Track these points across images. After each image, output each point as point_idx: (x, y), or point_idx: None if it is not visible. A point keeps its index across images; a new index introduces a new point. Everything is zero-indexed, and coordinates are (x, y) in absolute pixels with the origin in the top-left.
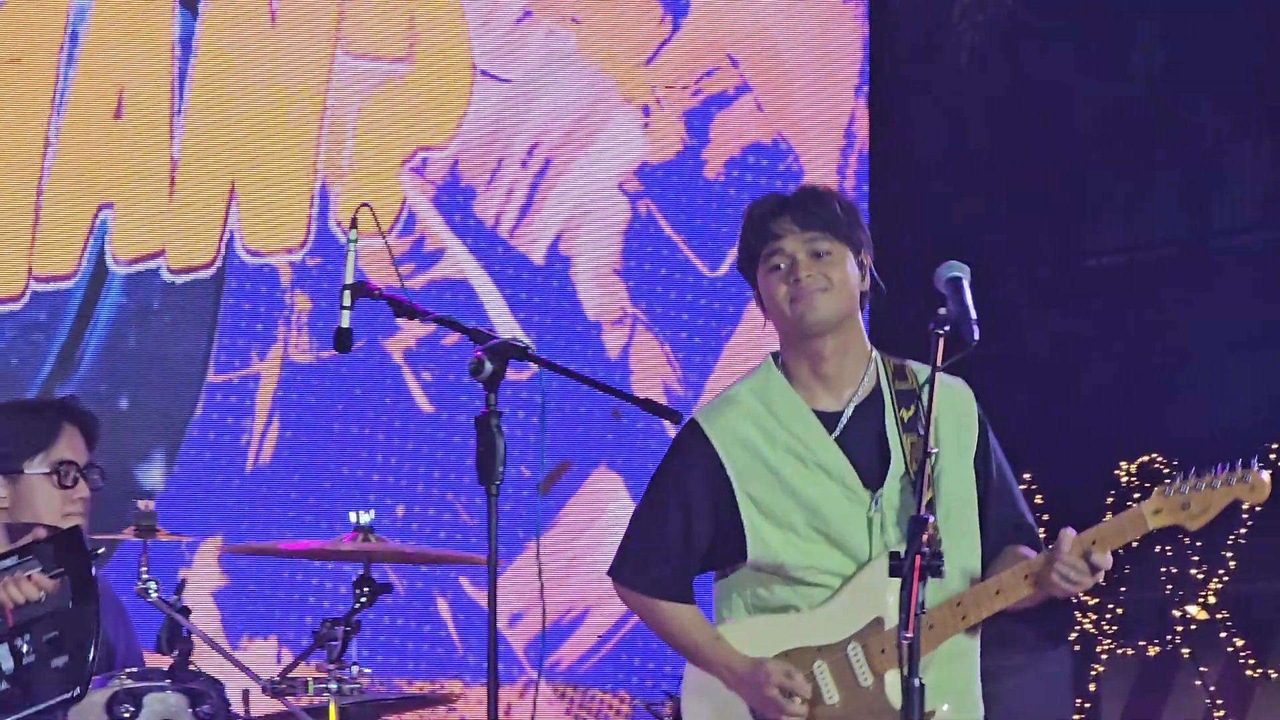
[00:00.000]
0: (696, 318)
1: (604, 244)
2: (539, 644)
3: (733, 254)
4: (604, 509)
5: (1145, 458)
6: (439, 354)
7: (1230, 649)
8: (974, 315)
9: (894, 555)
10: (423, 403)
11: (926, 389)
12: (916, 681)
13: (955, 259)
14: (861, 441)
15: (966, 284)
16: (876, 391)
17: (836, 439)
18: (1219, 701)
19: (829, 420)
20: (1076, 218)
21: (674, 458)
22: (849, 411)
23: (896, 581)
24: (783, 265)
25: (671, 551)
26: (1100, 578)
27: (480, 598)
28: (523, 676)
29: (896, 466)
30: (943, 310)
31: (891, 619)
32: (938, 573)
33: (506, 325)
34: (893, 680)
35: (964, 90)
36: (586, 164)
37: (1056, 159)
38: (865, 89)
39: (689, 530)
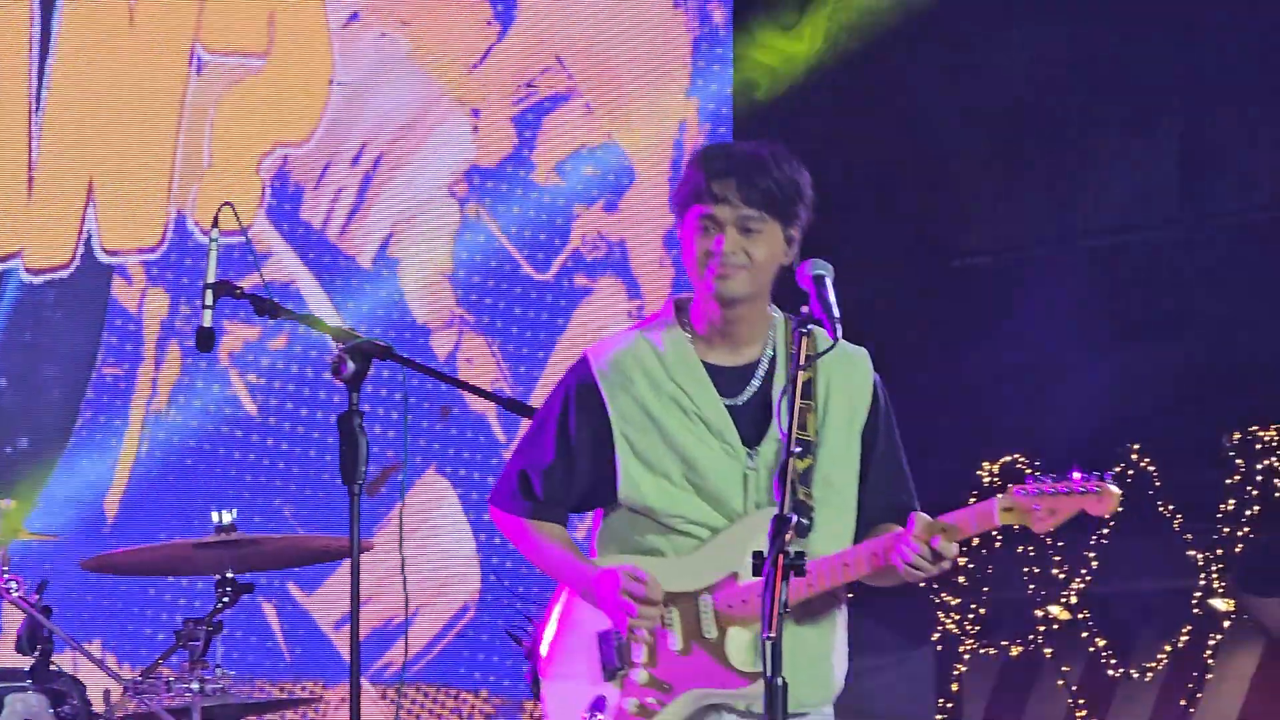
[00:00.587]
0: (525, 320)
1: (433, 247)
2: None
3: (562, 259)
4: (432, 512)
5: (1008, 457)
6: (265, 357)
7: (1092, 649)
8: (837, 313)
9: (756, 555)
10: (250, 407)
11: (802, 374)
12: (779, 681)
13: (819, 257)
14: (751, 402)
15: (829, 282)
16: (774, 354)
17: (723, 394)
18: (1080, 701)
19: (721, 375)
20: (943, 218)
21: (560, 390)
22: (742, 370)
23: (760, 538)
24: (710, 229)
25: (548, 479)
26: (945, 566)
27: (306, 603)
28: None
29: (776, 430)
30: (805, 308)
31: (746, 575)
32: (800, 571)
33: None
34: (734, 635)
35: (827, 89)
36: (415, 167)
37: (923, 158)
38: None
39: (569, 462)
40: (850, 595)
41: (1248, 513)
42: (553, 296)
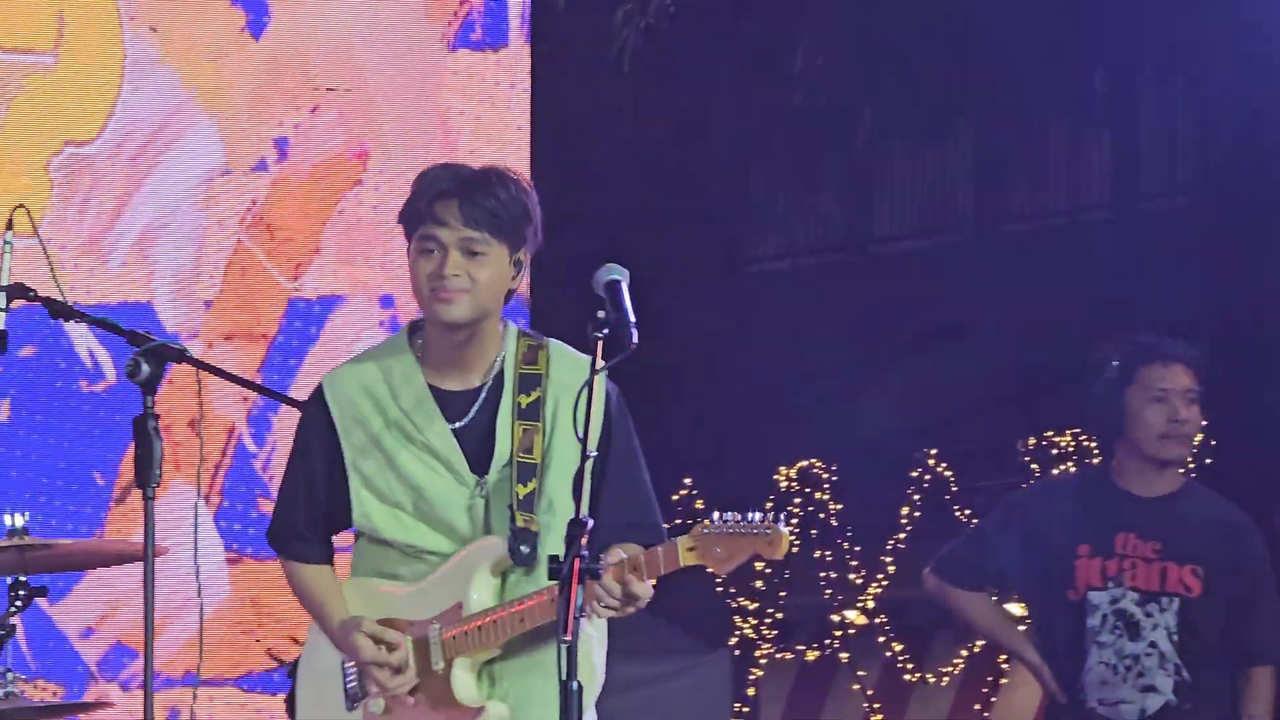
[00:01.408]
0: (277, 331)
1: (184, 256)
2: (112, 657)
3: (318, 271)
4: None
5: (805, 463)
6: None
7: (889, 653)
8: (633, 319)
9: (553, 559)
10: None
11: (584, 391)
12: (575, 685)
13: (616, 263)
14: (477, 426)
15: (625, 287)
16: (500, 377)
17: (451, 420)
18: (876, 705)
19: (448, 400)
20: (738, 223)
21: (302, 419)
22: (469, 394)
23: (484, 569)
24: (434, 251)
25: (300, 515)
26: (641, 605)
27: (53, 613)
28: (94, 686)
29: (501, 455)
30: (601, 313)
31: (469, 606)
32: (595, 575)
33: (81, 337)
34: (458, 667)
35: (624, 96)
36: (165, 174)
37: (718, 164)
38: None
39: (310, 493)
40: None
41: None
42: (306, 307)
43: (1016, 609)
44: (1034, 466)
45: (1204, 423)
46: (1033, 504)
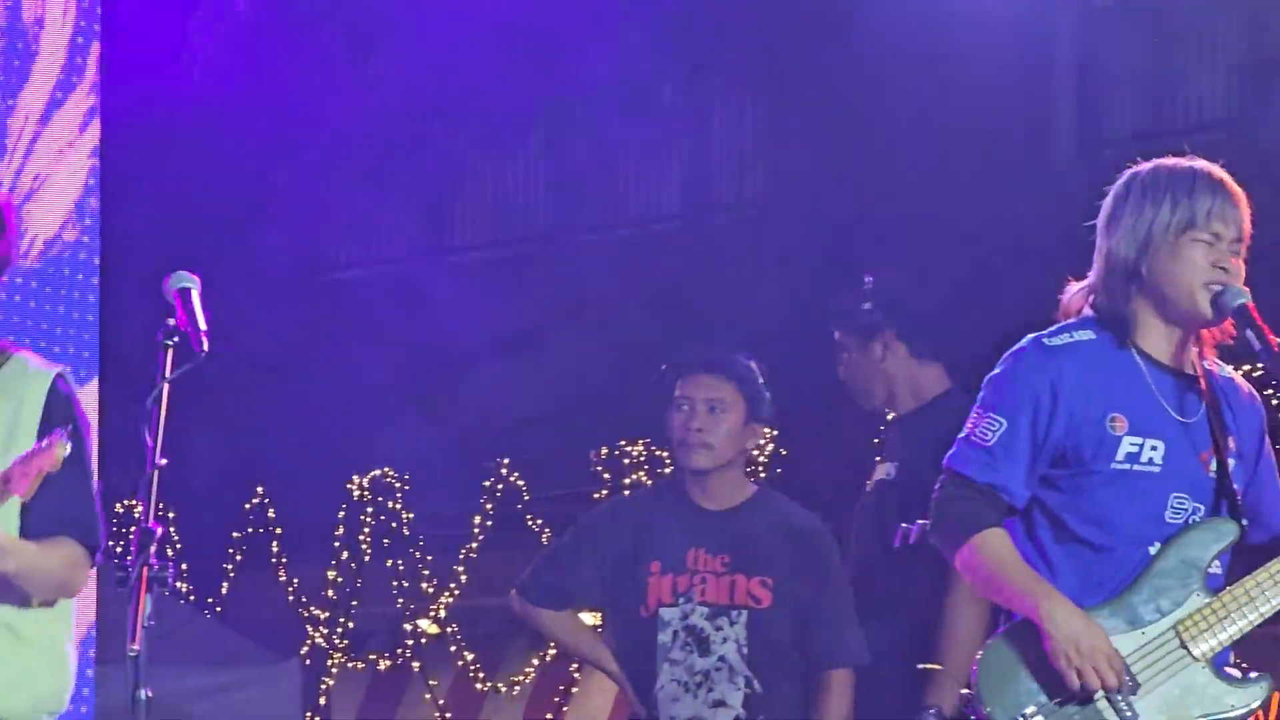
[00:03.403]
0: None
1: None
2: None
3: None
4: None
5: (377, 471)
6: None
7: (460, 662)
8: (203, 326)
9: (119, 566)
10: None
11: (153, 399)
12: (143, 694)
13: (188, 270)
14: None
15: (196, 295)
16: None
17: None
18: (448, 714)
19: None
20: (317, 230)
21: None
22: None
23: None
24: None
25: None
26: None
27: None
28: None
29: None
30: (171, 320)
31: None
32: (163, 583)
33: None
34: None
35: (200, 102)
36: None
37: (297, 171)
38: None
39: None
40: None
41: None
42: None
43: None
44: (606, 476)
45: (754, 429)
46: (606, 521)
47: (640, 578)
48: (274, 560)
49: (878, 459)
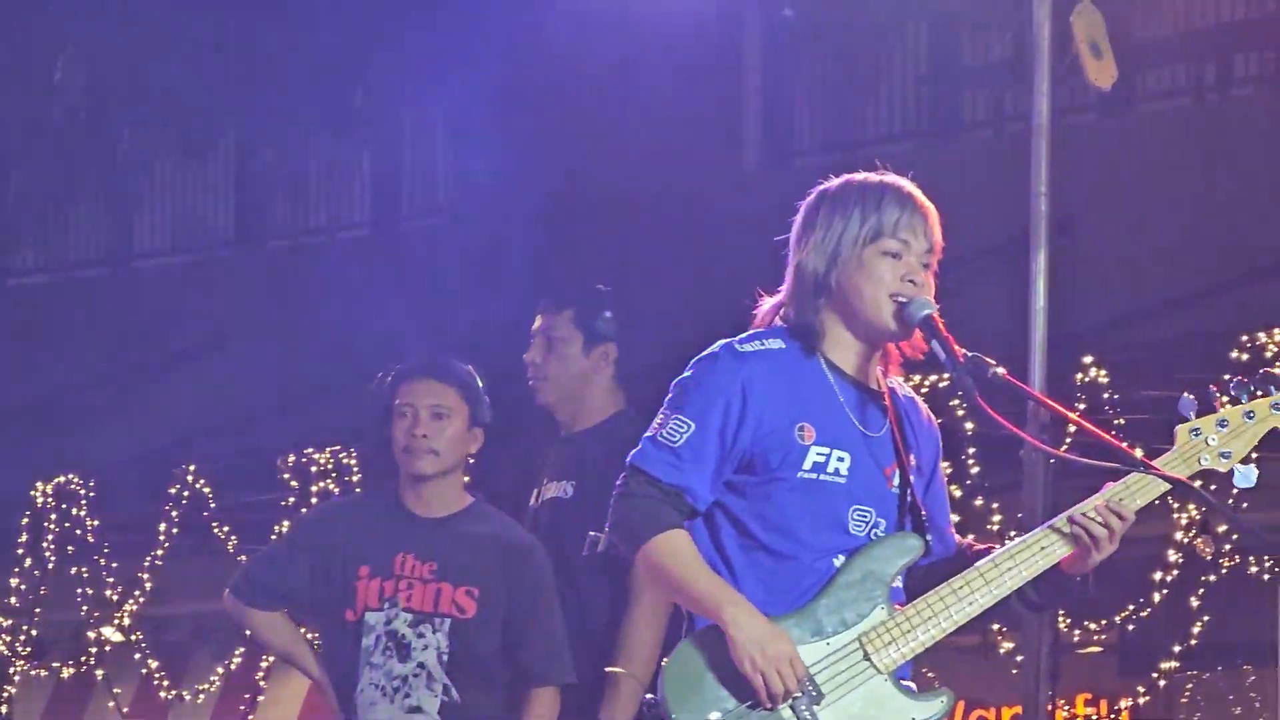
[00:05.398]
0: None
1: None
2: None
3: None
4: None
5: (62, 478)
6: None
7: (145, 670)
8: None
9: None
10: None
11: None
12: None
13: None
14: None
15: None
16: None
17: None
18: None
19: None
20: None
21: None
22: None
23: None
24: None
25: None
26: None
27: None
28: None
29: None
30: None
31: None
32: None
33: None
34: None
35: None
36: None
37: None
38: None
39: None
40: None
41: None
42: None
43: None
44: (294, 484)
45: (475, 434)
46: (320, 524)
47: (349, 581)
48: None
49: (546, 478)
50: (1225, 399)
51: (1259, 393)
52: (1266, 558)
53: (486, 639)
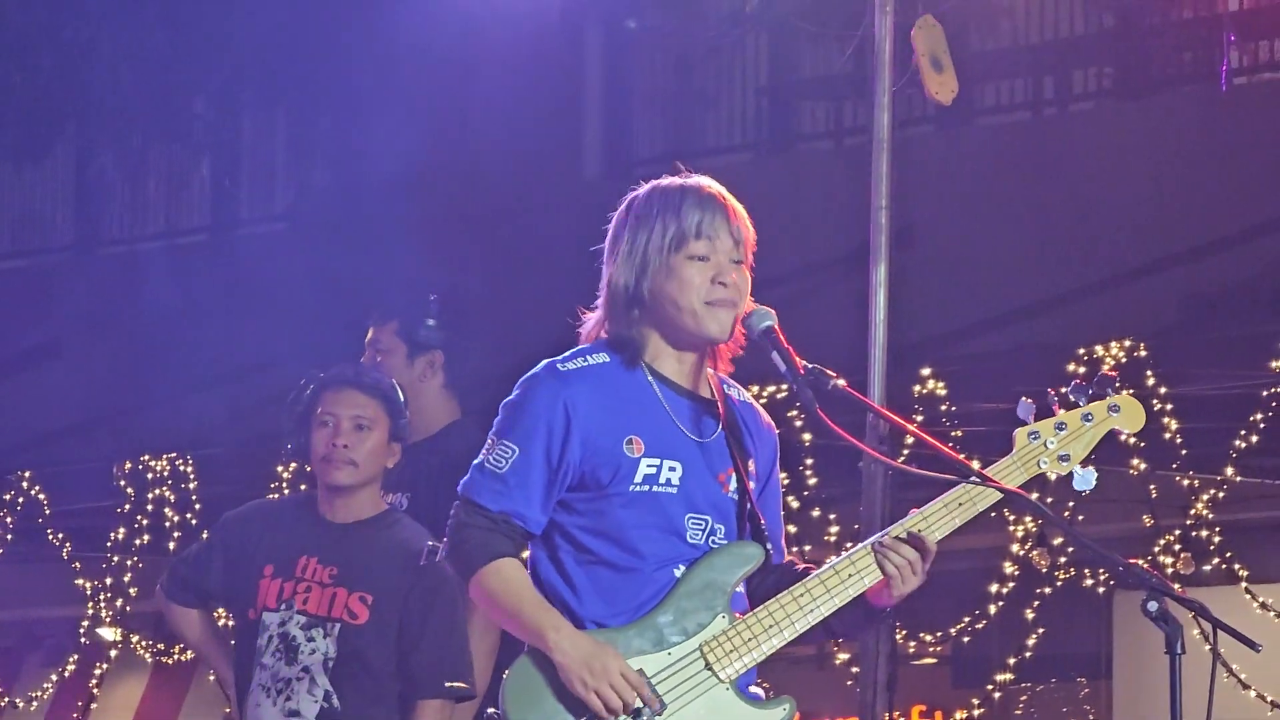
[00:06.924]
0: None
1: None
2: None
3: None
4: None
5: None
6: None
7: None
8: None
9: None
10: None
11: None
12: None
13: None
14: None
15: None
16: None
17: None
18: None
19: None
20: None
21: None
22: None
23: None
24: None
25: None
26: None
27: None
28: None
29: None
30: None
31: None
32: None
33: None
34: None
35: None
36: None
37: None
38: None
39: None
40: None
41: (138, 541)
42: None
43: None
44: (130, 490)
45: (394, 448)
46: (238, 523)
47: (254, 580)
48: None
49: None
50: (1063, 404)
51: (1096, 396)
52: (1101, 570)
53: (378, 647)
